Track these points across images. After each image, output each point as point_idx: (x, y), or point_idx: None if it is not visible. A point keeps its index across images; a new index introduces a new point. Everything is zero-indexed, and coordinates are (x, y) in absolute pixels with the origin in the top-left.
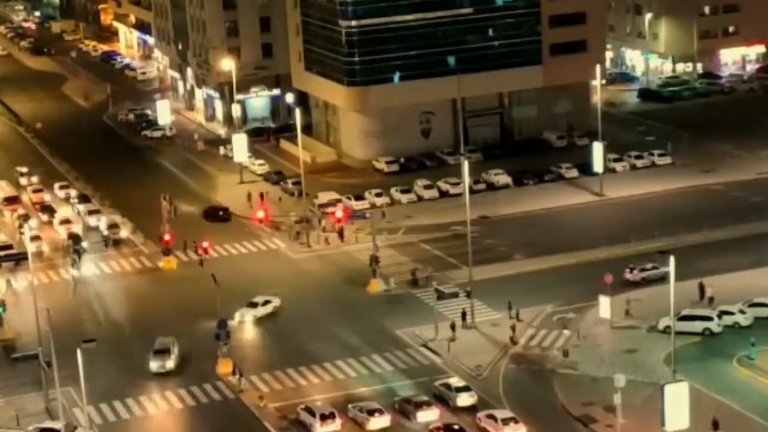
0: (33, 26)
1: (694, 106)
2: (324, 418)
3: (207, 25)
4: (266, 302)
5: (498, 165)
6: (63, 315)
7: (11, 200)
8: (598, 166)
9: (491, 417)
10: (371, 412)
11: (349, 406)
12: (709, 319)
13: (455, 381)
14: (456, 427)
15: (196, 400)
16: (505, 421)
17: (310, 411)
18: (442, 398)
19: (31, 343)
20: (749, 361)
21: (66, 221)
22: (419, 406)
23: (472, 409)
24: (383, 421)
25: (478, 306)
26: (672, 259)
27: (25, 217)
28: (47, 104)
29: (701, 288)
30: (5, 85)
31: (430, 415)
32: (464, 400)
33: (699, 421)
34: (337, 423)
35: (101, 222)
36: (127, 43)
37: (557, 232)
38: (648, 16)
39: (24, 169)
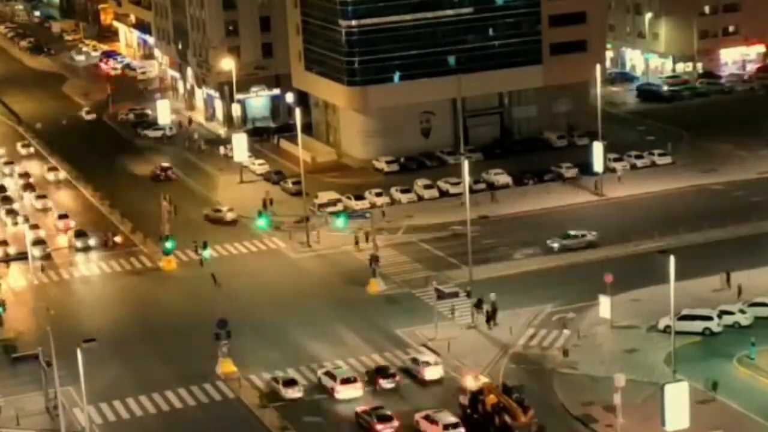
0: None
1: (694, 106)
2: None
3: (207, 25)
4: None
5: (498, 165)
6: (63, 314)
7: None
8: (598, 166)
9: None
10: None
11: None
12: (709, 318)
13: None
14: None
15: (196, 400)
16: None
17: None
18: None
19: (31, 342)
20: (749, 361)
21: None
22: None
23: None
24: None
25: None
26: (672, 259)
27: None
28: (47, 104)
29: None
30: (5, 85)
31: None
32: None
33: (698, 421)
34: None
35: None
36: (127, 42)
37: (557, 232)
38: (648, 15)
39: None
